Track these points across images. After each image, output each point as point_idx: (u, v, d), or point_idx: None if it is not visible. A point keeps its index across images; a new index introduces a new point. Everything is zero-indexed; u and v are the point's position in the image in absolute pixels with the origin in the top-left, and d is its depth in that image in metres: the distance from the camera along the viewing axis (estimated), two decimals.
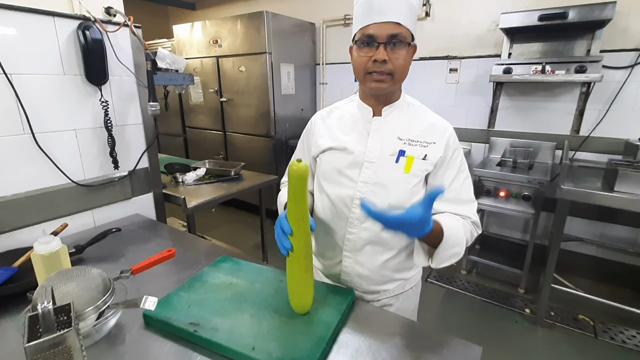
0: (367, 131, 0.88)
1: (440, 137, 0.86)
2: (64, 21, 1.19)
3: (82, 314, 0.66)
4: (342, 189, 0.89)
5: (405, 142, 0.86)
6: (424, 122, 0.88)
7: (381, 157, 0.85)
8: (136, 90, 1.44)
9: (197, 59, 3.58)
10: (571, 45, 2.36)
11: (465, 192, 0.87)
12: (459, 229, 0.81)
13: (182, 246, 1.18)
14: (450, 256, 0.80)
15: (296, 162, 0.70)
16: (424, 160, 0.84)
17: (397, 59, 0.77)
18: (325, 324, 0.75)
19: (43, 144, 1.17)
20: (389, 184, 0.85)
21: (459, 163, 0.87)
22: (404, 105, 0.89)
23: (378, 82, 0.80)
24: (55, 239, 0.86)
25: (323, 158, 0.94)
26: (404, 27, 0.76)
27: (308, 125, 1.01)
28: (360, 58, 0.80)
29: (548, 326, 2.05)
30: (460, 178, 0.87)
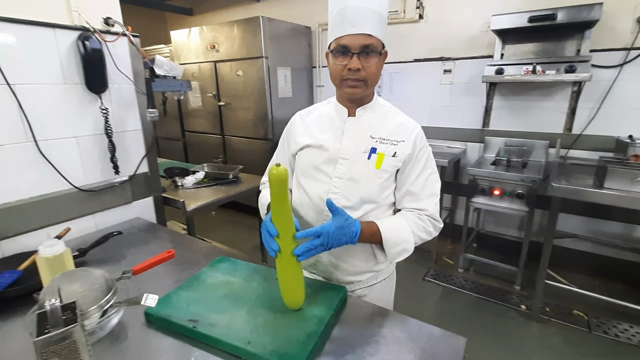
0: (342, 130, 0.95)
1: (408, 136, 0.93)
2: (64, 32, 1.24)
3: (86, 313, 0.70)
4: (318, 184, 0.96)
5: (377, 140, 0.93)
6: (394, 122, 0.95)
7: (355, 154, 0.92)
8: (135, 98, 1.48)
9: (195, 64, 3.63)
10: (561, 45, 2.40)
11: (428, 187, 0.95)
12: (401, 229, 0.90)
13: (181, 248, 1.21)
14: (398, 252, 0.91)
15: (275, 167, 0.73)
16: (394, 157, 0.92)
17: (369, 67, 0.84)
18: (318, 319, 0.78)
19: (46, 151, 1.21)
20: (362, 179, 0.92)
21: (425, 160, 0.95)
22: (376, 107, 0.97)
23: (352, 87, 0.87)
24: (60, 242, 0.90)
25: (301, 155, 1.00)
26: (375, 38, 0.82)
27: (288, 125, 1.08)
28: (336, 66, 0.86)
29: (543, 321, 2.09)
30: (424, 174, 0.95)
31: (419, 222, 0.93)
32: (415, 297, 2.35)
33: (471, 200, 2.41)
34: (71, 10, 1.26)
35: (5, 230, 1.15)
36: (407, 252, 0.92)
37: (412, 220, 0.93)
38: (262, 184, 1.17)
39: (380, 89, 3.36)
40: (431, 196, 0.95)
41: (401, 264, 1.08)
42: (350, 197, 0.92)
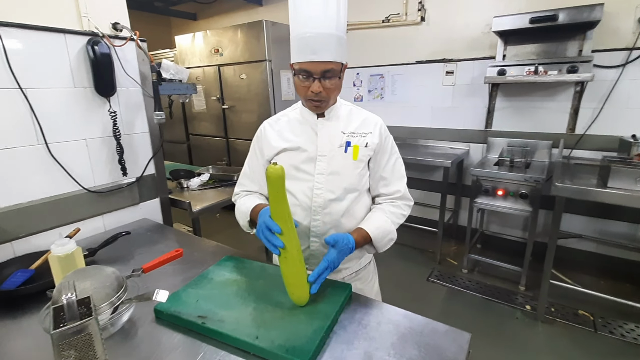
0: (315, 131, 1.02)
1: (373, 127, 1.03)
2: (74, 37, 1.27)
3: (98, 309, 0.72)
4: (301, 183, 1.01)
5: (348, 135, 1.02)
6: (359, 118, 1.05)
7: (332, 150, 1.00)
8: (142, 101, 1.51)
9: (199, 67, 3.67)
10: (563, 45, 2.41)
11: (397, 171, 1.07)
12: (384, 224, 1.01)
13: (189, 247, 1.23)
14: (386, 243, 1.02)
15: (272, 165, 0.78)
16: (366, 148, 1.01)
17: (330, 88, 0.93)
18: (324, 315, 0.80)
19: (56, 153, 1.24)
20: (342, 171, 1.00)
21: (390, 147, 1.06)
22: (340, 107, 1.06)
23: (316, 106, 0.96)
24: (71, 241, 0.92)
25: (279, 159, 1.05)
26: (335, 62, 0.90)
27: (258, 133, 1.12)
28: (299, 84, 0.94)
29: (548, 322, 2.08)
30: (391, 160, 1.06)
31: (395, 209, 1.05)
32: (419, 298, 2.35)
33: (475, 201, 2.42)
34: (81, 16, 1.29)
35: (17, 231, 1.17)
36: (392, 241, 1.04)
37: (389, 211, 1.04)
38: (236, 195, 1.18)
39: (382, 91, 3.38)
40: (400, 178, 1.08)
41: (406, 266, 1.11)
42: (335, 190, 0.99)
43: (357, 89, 3.53)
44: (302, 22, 0.89)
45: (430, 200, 3.20)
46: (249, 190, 1.15)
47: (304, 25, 0.88)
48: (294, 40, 0.92)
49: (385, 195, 1.07)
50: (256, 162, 1.12)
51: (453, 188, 3.06)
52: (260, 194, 1.15)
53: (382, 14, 3.14)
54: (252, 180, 1.14)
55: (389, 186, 1.06)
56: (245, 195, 1.15)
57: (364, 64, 3.41)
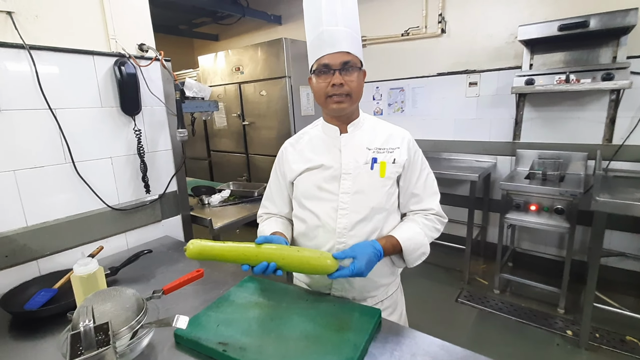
0: (338, 148, 0.97)
1: (401, 142, 0.98)
2: (102, 59, 1.30)
3: (117, 333, 0.69)
4: (325, 203, 0.96)
5: (374, 150, 0.96)
6: (385, 132, 1.00)
7: (357, 167, 0.95)
8: (166, 119, 1.53)
9: (221, 86, 3.76)
10: (595, 53, 2.30)
11: (429, 187, 1.01)
12: (416, 235, 0.95)
13: (209, 267, 1.20)
14: (417, 257, 0.96)
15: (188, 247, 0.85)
16: (394, 164, 0.96)
17: (351, 81, 0.89)
18: (353, 345, 0.74)
19: (82, 172, 1.26)
20: (368, 190, 0.94)
21: (420, 162, 1.01)
22: (364, 121, 1.01)
23: (338, 103, 0.90)
24: (93, 261, 0.91)
25: (301, 180, 1.01)
26: (353, 54, 0.88)
27: (279, 155, 1.09)
28: (319, 85, 0.90)
29: (593, 349, 1.90)
30: (422, 175, 1.01)
31: (428, 222, 0.99)
32: (448, 320, 2.22)
33: (505, 217, 2.29)
34: (109, 37, 1.33)
35: (42, 249, 1.18)
36: (424, 255, 0.98)
37: (421, 222, 0.98)
38: (259, 218, 1.15)
39: (403, 104, 3.33)
40: (433, 195, 1.02)
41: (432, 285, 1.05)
42: (361, 210, 0.94)
43: (377, 102, 3.50)
44: (317, 22, 0.89)
45: (455, 216, 3.06)
46: (270, 213, 1.12)
47: (319, 25, 0.88)
48: (312, 42, 0.91)
49: (415, 211, 1.01)
50: (277, 185, 1.10)
51: (480, 203, 2.93)
52: (280, 216, 1.12)
53: (401, 27, 3.13)
54: (273, 202, 1.11)
55: (420, 203, 1.00)
56: (267, 218, 1.12)
57: (384, 77, 3.39)
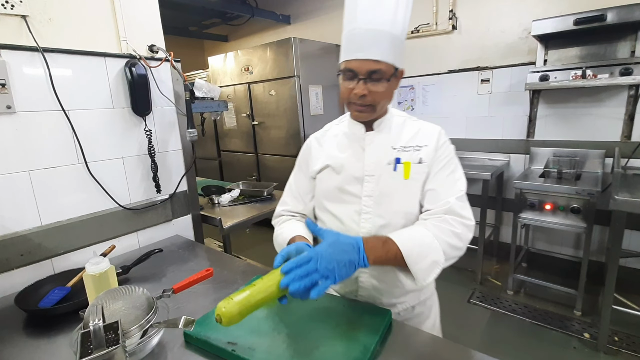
0: (362, 147, 0.91)
1: (429, 139, 0.89)
2: (113, 60, 1.32)
3: (127, 332, 0.69)
4: (347, 206, 0.91)
5: (399, 149, 0.88)
6: (413, 129, 0.92)
7: (379, 168, 0.88)
8: (176, 119, 1.54)
9: (230, 86, 3.78)
10: (613, 47, 2.23)
11: (449, 182, 0.86)
12: (420, 237, 0.78)
13: (219, 266, 1.21)
14: (427, 268, 0.76)
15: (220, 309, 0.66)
16: (420, 164, 0.87)
17: (376, 92, 0.81)
18: (363, 346, 0.72)
19: (94, 172, 1.27)
20: (392, 192, 0.87)
21: (446, 157, 0.88)
22: (392, 118, 0.93)
23: (359, 112, 0.85)
24: (105, 260, 0.92)
25: (322, 177, 0.96)
26: (384, 63, 0.79)
27: (304, 148, 1.04)
28: (343, 87, 0.84)
29: (612, 353, 1.84)
30: (446, 170, 0.87)
31: (441, 224, 0.80)
32: (460, 322, 2.18)
33: (519, 216, 2.24)
34: (120, 39, 1.34)
35: (57, 248, 1.20)
36: (438, 266, 0.77)
37: (431, 224, 0.80)
38: (276, 218, 1.07)
39: (413, 102, 3.29)
40: (451, 187, 0.85)
41: (443, 286, 1.00)
42: (384, 214, 0.87)
43: None
44: (352, 18, 0.80)
45: None
46: (292, 212, 1.05)
47: (353, 21, 0.80)
48: (343, 39, 0.83)
49: (430, 210, 0.84)
50: (299, 179, 1.03)
51: (493, 202, 2.87)
52: (303, 215, 1.04)
53: (411, 24, 3.08)
54: (297, 197, 1.03)
55: (435, 199, 0.85)
56: (287, 220, 1.03)
57: None
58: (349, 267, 0.70)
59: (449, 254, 0.79)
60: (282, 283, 0.67)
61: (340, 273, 0.69)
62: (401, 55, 0.83)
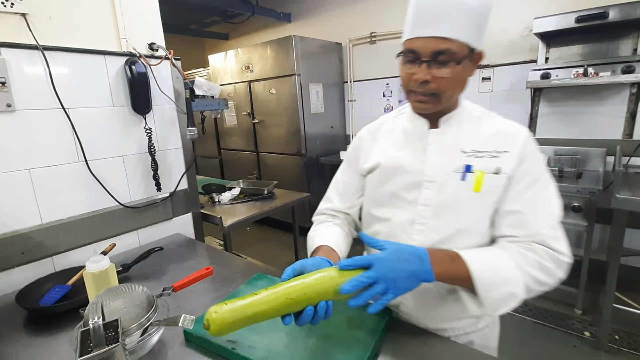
0: (423, 146, 0.77)
1: (512, 144, 0.71)
2: (113, 58, 1.32)
3: (127, 330, 0.69)
4: (399, 212, 0.79)
5: (470, 154, 0.73)
6: (491, 128, 0.74)
7: (443, 175, 0.74)
8: (176, 117, 1.54)
9: (231, 84, 3.78)
10: (615, 45, 2.22)
11: (542, 205, 0.69)
12: (499, 264, 0.65)
13: (219, 264, 1.21)
14: (502, 299, 0.64)
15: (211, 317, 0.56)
16: (497, 175, 0.70)
17: (442, 78, 0.66)
18: (363, 344, 0.72)
19: (95, 170, 1.27)
20: (456, 205, 0.73)
21: (534, 172, 0.70)
22: (464, 113, 0.77)
23: (420, 102, 0.71)
24: (105, 258, 0.92)
25: (372, 178, 0.84)
26: (456, 41, 0.64)
27: (356, 141, 0.91)
28: (403, 72, 0.71)
29: (613, 352, 1.84)
30: (533, 189, 0.69)
31: (528, 253, 0.66)
32: None
33: None
34: (119, 37, 1.34)
35: (57, 246, 1.20)
36: (515, 298, 0.64)
37: (516, 251, 0.67)
38: (316, 216, 0.97)
39: None
40: (546, 216, 0.68)
41: None
42: (443, 228, 0.73)
43: (387, 99, 3.47)
44: None
45: None
46: (334, 210, 0.94)
47: None
48: (408, 14, 0.69)
49: (512, 237, 0.70)
50: (350, 174, 0.91)
51: None
52: (346, 214, 0.93)
53: None
54: (342, 195, 0.92)
55: (521, 226, 0.69)
56: (324, 221, 0.92)
57: (394, 74, 3.35)
58: (412, 279, 0.61)
59: (532, 288, 0.66)
60: (343, 290, 0.58)
61: (403, 285, 0.60)
62: (480, 33, 0.67)
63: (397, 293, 0.60)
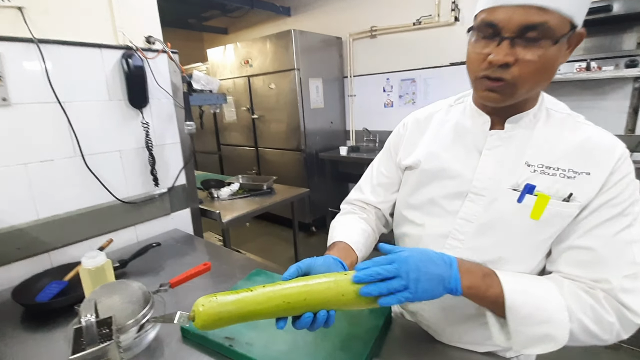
0: (479, 150, 0.64)
1: (598, 163, 0.56)
2: (109, 52, 1.30)
3: (123, 327, 0.68)
4: (434, 221, 0.68)
5: (537, 169, 0.58)
6: (575, 138, 0.58)
7: (496, 190, 0.61)
8: (174, 111, 1.52)
9: (230, 79, 3.75)
10: (618, 38, 2.19)
11: (618, 246, 0.54)
12: (544, 298, 0.53)
13: (217, 260, 1.20)
14: (535, 338, 0.53)
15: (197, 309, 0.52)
16: (567, 202, 0.55)
17: (528, 62, 0.51)
18: (363, 341, 0.71)
19: (91, 165, 1.26)
20: (504, 231, 0.60)
21: (622, 204, 0.54)
22: (541, 115, 0.62)
23: (490, 91, 0.56)
24: (101, 254, 0.91)
25: (411, 176, 0.74)
26: (555, 13, 0.49)
27: (399, 128, 0.80)
28: (473, 52, 0.57)
29: (613, 347, 1.85)
30: (616, 224, 0.54)
31: (586, 297, 0.53)
32: None
33: None
34: (116, 30, 1.32)
35: (54, 242, 1.19)
36: (553, 343, 0.53)
37: (570, 289, 0.55)
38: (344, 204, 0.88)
39: (414, 96, 3.26)
40: (624, 263, 0.53)
41: None
42: (481, 252, 0.62)
43: (388, 94, 3.44)
44: None
45: None
46: (365, 203, 0.84)
47: None
48: None
49: (571, 276, 0.57)
50: (388, 164, 0.81)
51: None
52: (377, 209, 0.83)
53: (412, 16, 3.04)
54: (376, 188, 0.82)
55: (587, 265, 0.55)
56: (350, 212, 0.84)
57: (394, 68, 3.32)
58: (436, 282, 0.52)
59: (579, 338, 0.53)
60: (356, 277, 0.52)
61: (424, 287, 0.51)
62: (586, 5, 0.53)
63: (417, 294, 0.51)
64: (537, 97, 0.62)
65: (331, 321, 0.54)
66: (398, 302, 0.51)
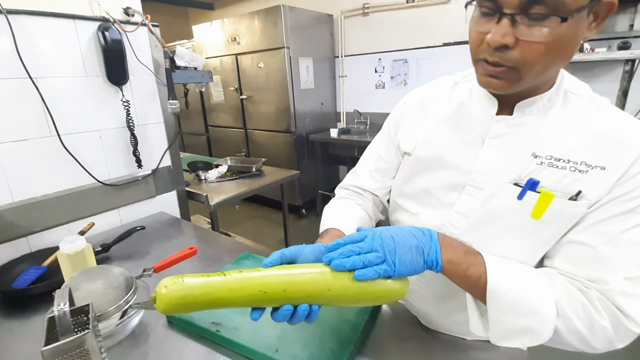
0: (482, 137, 0.57)
1: (616, 156, 0.48)
2: (84, 23, 1.21)
3: (104, 314, 0.66)
4: (427, 212, 0.64)
5: (544, 161, 0.51)
6: (593, 127, 0.51)
7: (496, 183, 0.55)
8: (156, 89, 1.45)
9: (217, 57, 3.61)
10: (611, 20, 2.18)
11: (624, 247, 0.48)
12: (534, 286, 0.49)
13: (204, 243, 1.17)
14: (514, 330, 0.48)
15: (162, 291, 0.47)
16: (573, 202, 0.49)
17: (532, 45, 0.43)
18: (352, 325, 0.70)
19: (69, 145, 1.19)
20: (502, 228, 0.55)
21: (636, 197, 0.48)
22: (557, 99, 0.53)
23: (490, 77, 0.49)
24: (80, 238, 0.87)
25: (406, 163, 0.69)
26: None
27: (397, 108, 0.73)
28: (474, 32, 0.49)
29: None
30: (622, 223, 0.48)
31: (579, 295, 0.49)
32: None
33: None
34: (91, 0, 1.22)
35: (31, 226, 1.14)
36: (532, 337, 0.48)
37: (562, 284, 0.50)
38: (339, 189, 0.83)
39: (406, 76, 3.20)
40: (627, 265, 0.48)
41: None
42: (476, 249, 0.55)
43: (379, 75, 3.37)
44: None
45: None
46: (361, 189, 0.79)
47: None
48: None
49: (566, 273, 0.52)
50: (387, 147, 0.74)
51: None
52: (375, 195, 0.78)
53: None
54: (373, 173, 0.76)
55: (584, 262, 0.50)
56: (344, 197, 0.78)
57: (386, 48, 3.24)
58: (416, 253, 0.48)
59: (565, 338, 0.48)
60: (327, 258, 0.49)
61: (403, 260, 0.47)
62: None
63: (397, 267, 0.47)
64: (553, 78, 0.54)
65: (313, 317, 0.49)
66: (376, 275, 0.47)
